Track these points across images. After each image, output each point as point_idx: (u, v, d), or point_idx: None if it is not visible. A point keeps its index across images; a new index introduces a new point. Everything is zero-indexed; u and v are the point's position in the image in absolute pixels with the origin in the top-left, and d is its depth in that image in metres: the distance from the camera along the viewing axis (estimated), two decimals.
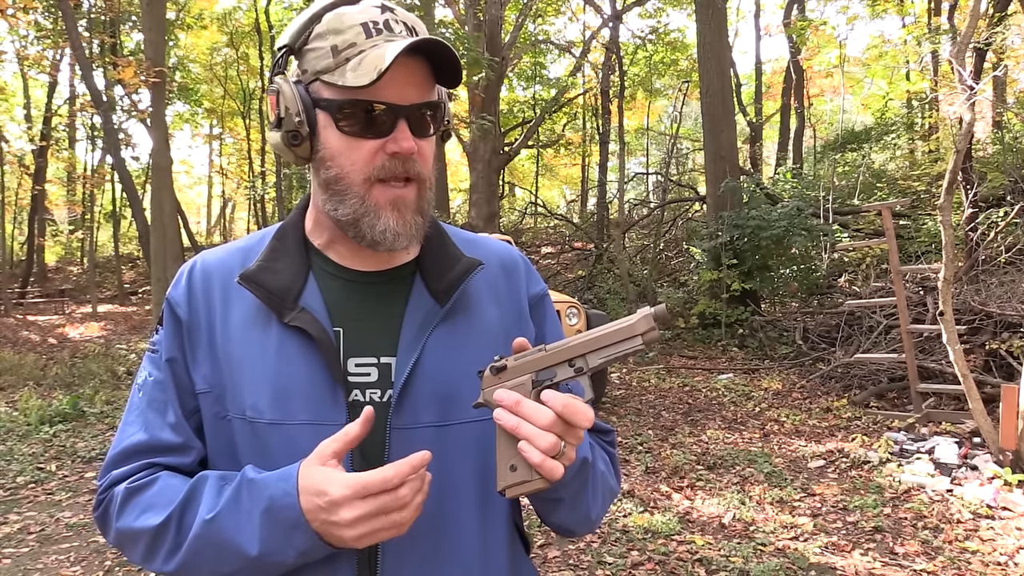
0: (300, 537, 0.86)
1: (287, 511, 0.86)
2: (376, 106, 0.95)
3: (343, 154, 0.97)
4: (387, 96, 0.94)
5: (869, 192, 14.76)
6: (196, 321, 1.04)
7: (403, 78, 0.95)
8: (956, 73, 5.76)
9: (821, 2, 23.68)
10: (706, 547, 4.25)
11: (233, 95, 29.14)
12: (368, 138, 0.96)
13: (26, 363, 10.93)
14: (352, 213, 0.98)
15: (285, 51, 1.02)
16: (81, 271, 28.74)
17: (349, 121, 0.96)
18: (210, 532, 0.90)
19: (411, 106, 0.96)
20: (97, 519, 1.03)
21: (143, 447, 1.01)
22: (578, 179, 31.31)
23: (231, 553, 0.89)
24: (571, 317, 7.29)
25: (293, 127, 0.97)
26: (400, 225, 0.98)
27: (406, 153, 0.95)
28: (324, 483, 0.85)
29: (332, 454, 0.87)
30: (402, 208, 0.98)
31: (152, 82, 11.82)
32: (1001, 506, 4.74)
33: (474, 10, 15.63)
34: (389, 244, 0.98)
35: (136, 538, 0.96)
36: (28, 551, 4.39)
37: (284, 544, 0.87)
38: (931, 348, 8.04)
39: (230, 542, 0.89)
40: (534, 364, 0.91)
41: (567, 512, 1.05)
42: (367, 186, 0.97)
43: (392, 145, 0.95)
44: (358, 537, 0.85)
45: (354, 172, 0.97)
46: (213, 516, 0.90)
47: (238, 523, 0.89)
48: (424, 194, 1.01)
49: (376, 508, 0.84)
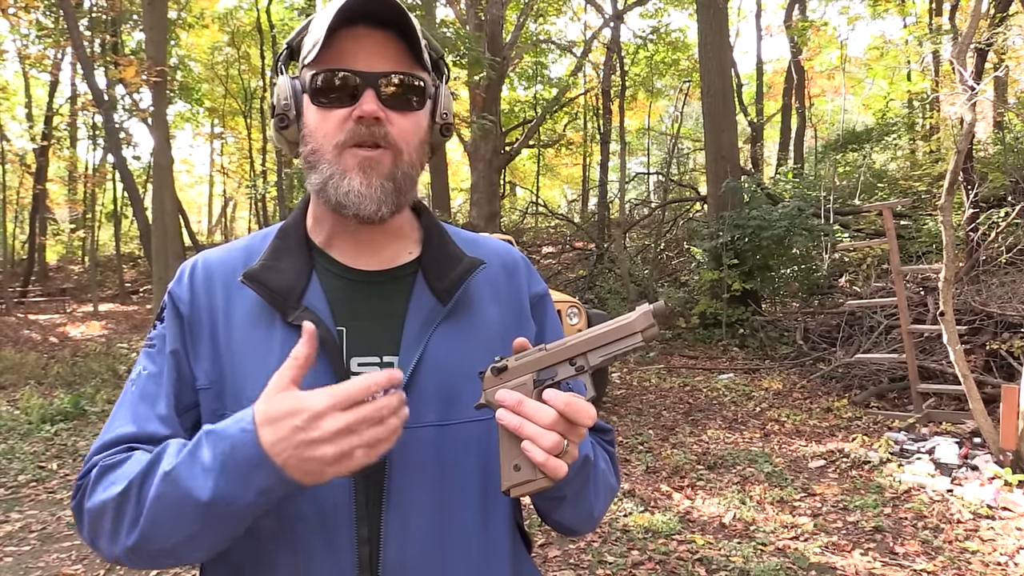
0: (260, 476, 0.83)
1: (245, 449, 0.83)
2: (342, 74, 0.98)
3: (318, 126, 1.00)
4: (353, 65, 0.98)
5: (870, 192, 14.76)
6: (198, 317, 1.04)
7: (372, 49, 0.99)
8: (957, 73, 5.76)
9: (822, 2, 23.69)
10: (706, 547, 4.25)
11: (234, 94, 29.16)
12: (337, 107, 0.98)
13: (27, 362, 10.95)
14: (321, 179, 1.00)
15: (286, 50, 1.07)
16: (82, 270, 28.74)
17: (320, 93, 0.99)
18: (166, 489, 0.86)
19: (376, 73, 0.98)
20: (74, 509, 0.98)
21: (128, 438, 0.99)
22: (579, 179, 31.33)
23: (187, 507, 0.84)
24: (572, 317, 7.29)
25: (281, 111, 1.02)
26: (365, 187, 0.98)
27: (368, 116, 0.96)
28: (299, 401, 0.83)
29: (291, 381, 0.85)
30: (368, 170, 0.98)
31: (153, 81, 11.84)
32: (1001, 506, 4.75)
33: (475, 10, 15.64)
34: (354, 207, 0.98)
35: (102, 514, 0.91)
36: (29, 549, 4.40)
37: (242, 486, 0.83)
38: (932, 348, 8.05)
39: (185, 494, 0.84)
40: (535, 364, 0.91)
41: (570, 510, 1.05)
42: (337, 151, 0.99)
43: (357, 111, 0.97)
44: (337, 456, 0.81)
45: (326, 141, 0.99)
46: (169, 470, 0.86)
47: (192, 472, 0.85)
48: (399, 163, 1.01)
49: (358, 418, 0.81)
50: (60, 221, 31.18)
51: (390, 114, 0.99)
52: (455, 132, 1.14)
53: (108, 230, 31.22)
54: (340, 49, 0.98)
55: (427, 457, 0.99)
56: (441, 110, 1.08)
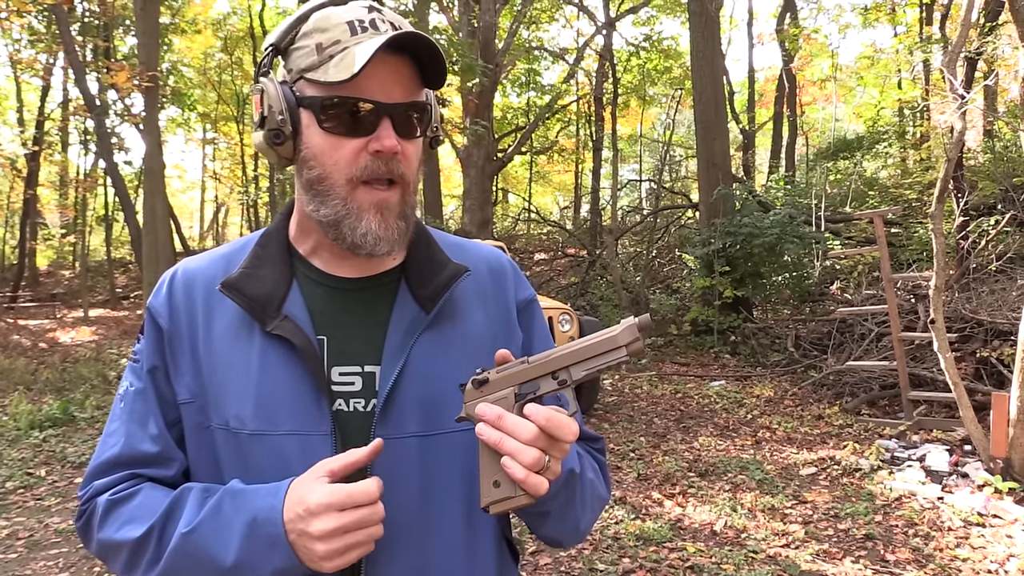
0: (278, 555, 0.84)
1: (269, 526, 0.85)
2: (360, 104, 0.93)
3: (326, 153, 0.95)
4: (371, 94, 0.93)
5: (861, 200, 14.81)
6: (178, 330, 1.02)
7: (388, 76, 0.94)
8: (947, 82, 5.79)
9: (814, 11, 23.82)
10: (697, 554, 4.25)
11: (227, 99, 29.09)
12: (351, 136, 0.94)
13: (17, 367, 10.86)
14: (334, 214, 0.96)
15: (271, 50, 1.01)
16: (73, 275, 28.58)
17: (332, 119, 0.94)
18: (188, 544, 0.89)
19: (396, 104, 0.95)
20: (79, 530, 1.02)
21: (124, 459, 1.00)
22: (571, 185, 31.33)
23: (207, 564, 0.88)
24: (564, 324, 7.28)
25: (276, 125, 0.96)
26: (382, 229, 0.96)
27: (388, 152, 0.93)
28: (307, 493, 0.84)
29: (328, 472, 0.86)
30: (385, 212, 0.96)
31: (145, 86, 11.84)
32: (991, 514, 4.75)
33: (468, 16, 15.64)
34: (370, 248, 0.96)
35: (118, 550, 0.95)
36: (16, 557, 4.37)
37: (261, 560, 0.85)
38: (922, 356, 8.06)
39: (207, 553, 0.87)
40: (517, 377, 0.89)
41: (555, 525, 1.03)
42: (350, 187, 0.95)
43: (375, 143, 0.93)
44: (328, 553, 0.83)
45: (337, 172, 0.95)
46: (192, 528, 0.89)
47: (217, 534, 0.87)
48: (408, 198, 0.99)
49: (354, 521, 0.83)
50: (51, 226, 31.04)
51: (403, 144, 0.96)
52: (448, 139, 1.12)
53: (99, 235, 31.05)
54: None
55: (410, 468, 0.97)
56: (433, 123, 1.05)
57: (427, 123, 1.02)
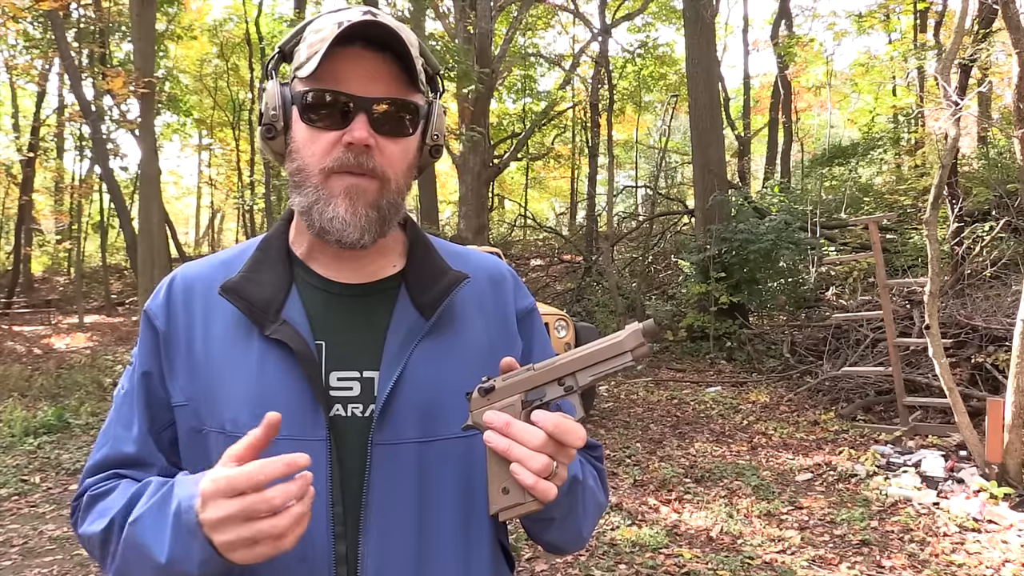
0: (197, 546, 0.80)
1: (187, 513, 0.81)
2: (335, 96, 0.95)
3: (305, 146, 0.98)
4: (348, 88, 0.95)
5: (856, 206, 14.86)
6: (174, 332, 1.03)
7: (365, 72, 0.96)
8: (942, 89, 5.82)
9: (808, 18, 23.92)
10: (694, 560, 4.24)
11: (223, 106, 29.12)
12: (328, 130, 0.96)
13: (11, 374, 10.82)
14: (308, 202, 0.98)
15: (277, 55, 1.04)
16: (68, 281, 28.52)
17: (310, 112, 0.97)
18: (132, 536, 0.87)
19: (370, 98, 0.96)
20: (72, 527, 1.04)
21: (111, 461, 1.02)
22: (567, 192, 31.42)
23: (147, 560, 0.85)
24: (560, 330, 7.29)
25: (268, 121, 0.99)
26: (349, 215, 0.96)
27: (358, 143, 0.94)
28: (201, 479, 0.81)
29: (234, 457, 0.82)
30: (355, 197, 0.96)
31: (141, 92, 11.83)
32: (987, 519, 4.76)
33: (464, 23, 15.68)
34: (337, 234, 0.97)
35: (92, 543, 0.96)
36: (10, 564, 4.35)
37: (186, 552, 0.81)
38: (918, 361, 8.08)
39: (146, 547, 0.85)
40: (523, 384, 0.89)
41: (559, 531, 1.03)
42: (323, 176, 0.97)
43: (347, 136, 0.95)
44: (228, 544, 0.78)
45: (312, 163, 0.97)
46: (136, 518, 0.87)
47: (154, 527, 0.85)
48: (384, 192, 0.99)
49: (240, 509, 0.78)
50: (46, 232, 30.99)
51: (380, 140, 0.97)
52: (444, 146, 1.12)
53: (94, 241, 31.02)
54: (335, 68, 0.95)
55: (407, 475, 0.97)
56: (432, 131, 1.04)
57: (419, 125, 1.02)
